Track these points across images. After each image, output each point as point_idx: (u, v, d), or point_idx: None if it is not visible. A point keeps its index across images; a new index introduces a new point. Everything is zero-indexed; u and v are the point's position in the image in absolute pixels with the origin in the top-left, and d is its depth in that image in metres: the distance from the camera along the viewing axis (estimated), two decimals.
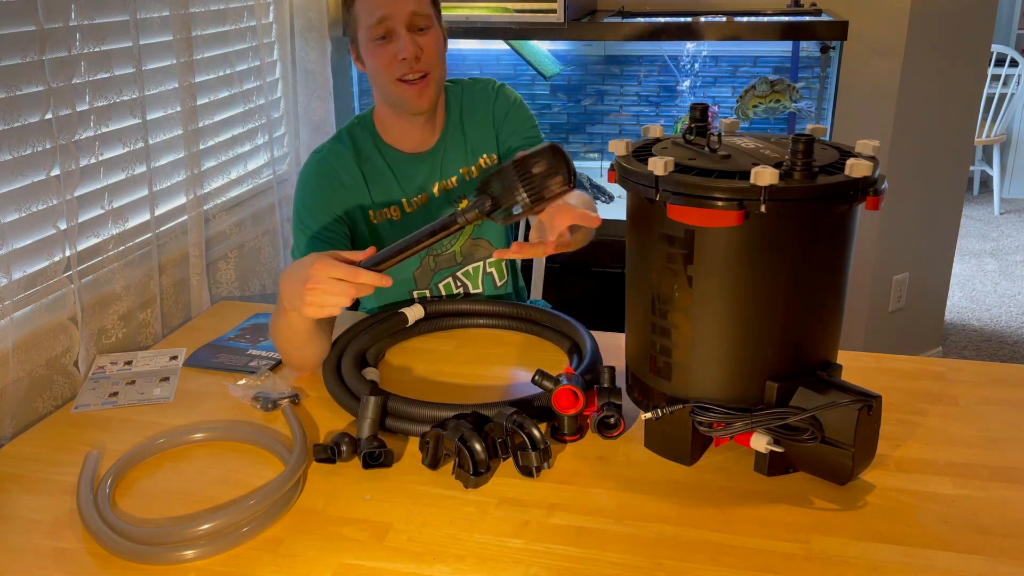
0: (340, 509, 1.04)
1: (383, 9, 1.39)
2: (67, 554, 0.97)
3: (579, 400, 1.12)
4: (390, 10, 1.39)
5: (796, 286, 1.01)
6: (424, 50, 1.41)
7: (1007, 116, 4.55)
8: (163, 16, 1.62)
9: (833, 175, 0.97)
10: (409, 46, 1.39)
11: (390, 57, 1.41)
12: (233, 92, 1.88)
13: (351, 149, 1.51)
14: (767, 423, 1.02)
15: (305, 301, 1.12)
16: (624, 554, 0.95)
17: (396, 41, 1.40)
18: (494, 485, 1.08)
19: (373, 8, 1.40)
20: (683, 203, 0.98)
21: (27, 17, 1.30)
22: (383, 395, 1.17)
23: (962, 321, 3.46)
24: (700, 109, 1.12)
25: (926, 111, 2.61)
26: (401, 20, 1.40)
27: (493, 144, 1.58)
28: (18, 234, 1.32)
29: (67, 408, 1.30)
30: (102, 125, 1.47)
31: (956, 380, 1.30)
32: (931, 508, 1.01)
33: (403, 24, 1.40)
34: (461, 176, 1.56)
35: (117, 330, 1.50)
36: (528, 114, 1.60)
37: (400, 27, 1.40)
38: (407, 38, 1.40)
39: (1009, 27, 4.97)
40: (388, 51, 1.41)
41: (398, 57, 1.40)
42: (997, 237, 4.37)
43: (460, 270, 1.60)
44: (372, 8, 1.40)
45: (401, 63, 1.40)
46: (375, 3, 1.40)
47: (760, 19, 2.35)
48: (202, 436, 1.18)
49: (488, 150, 1.58)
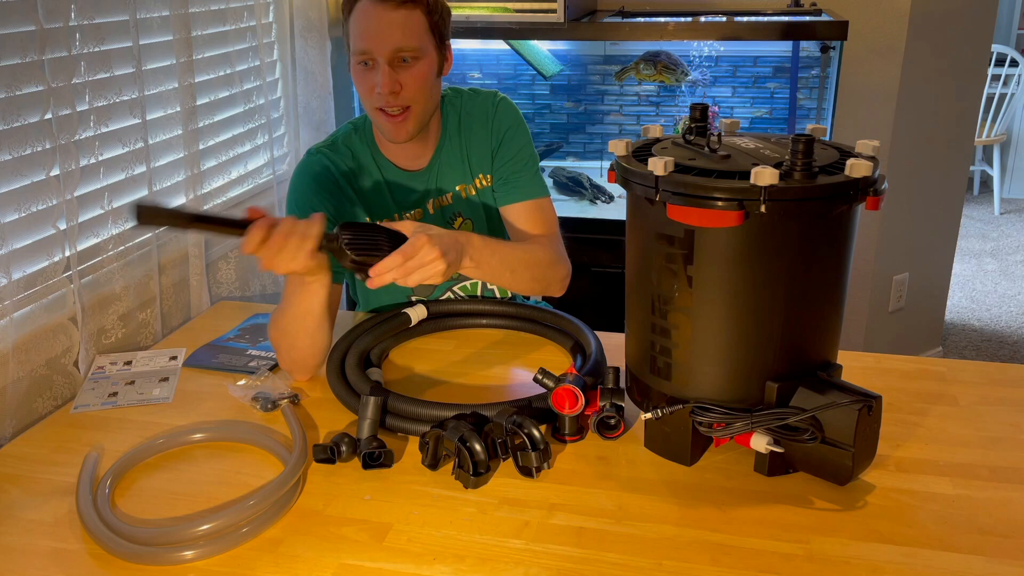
0: (340, 509, 1.04)
1: (366, 42, 1.35)
2: (66, 554, 0.97)
3: (579, 400, 1.12)
4: (373, 44, 1.35)
5: (796, 286, 1.01)
6: (405, 86, 1.37)
7: (1007, 116, 4.55)
8: (163, 16, 1.62)
9: (833, 175, 0.97)
10: (386, 82, 1.35)
11: (370, 85, 1.37)
12: (233, 92, 1.88)
13: (348, 158, 1.49)
14: (767, 423, 1.02)
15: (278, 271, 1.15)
16: (624, 554, 0.95)
17: (376, 72, 1.36)
18: (494, 485, 1.08)
19: (358, 35, 1.36)
20: (683, 203, 0.97)
21: (27, 17, 1.30)
22: (383, 395, 1.17)
23: (962, 321, 3.46)
24: (700, 109, 1.12)
25: (926, 111, 2.61)
26: (383, 55, 1.35)
27: (489, 163, 1.54)
28: (18, 234, 1.32)
29: (67, 408, 1.30)
30: (102, 125, 1.47)
31: (956, 380, 1.30)
32: (931, 508, 1.01)
33: (385, 59, 1.35)
34: (457, 193, 1.54)
35: (117, 330, 1.50)
36: (525, 137, 1.55)
37: (382, 61, 1.35)
38: (386, 74, 1.35)
39: (1009, 27, 4.97)
40: (369, 79, 1.37)
41: (375, 90, 1.37)
42: (997, 237, 4.37)
43: (458, 284, 1.59)
44: (358, 35, 1.36)
45: (379, 96, 1.37)
46: (361, 31, 1.36)
47: (760, 19, 2.35)
48: (202, 436, 1.18)
49: (484, 170, 1.54)
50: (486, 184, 1.54)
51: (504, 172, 1.53)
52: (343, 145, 1.51)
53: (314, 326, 1.27)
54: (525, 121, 1.56)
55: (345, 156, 1.50)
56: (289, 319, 1.28)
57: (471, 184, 1.54)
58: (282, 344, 1.31)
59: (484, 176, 1.54)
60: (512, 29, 2.33)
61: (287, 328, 1.29)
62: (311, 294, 1.24)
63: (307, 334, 1.28)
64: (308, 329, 1.27)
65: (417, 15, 1.37)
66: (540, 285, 1.46)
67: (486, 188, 1.55)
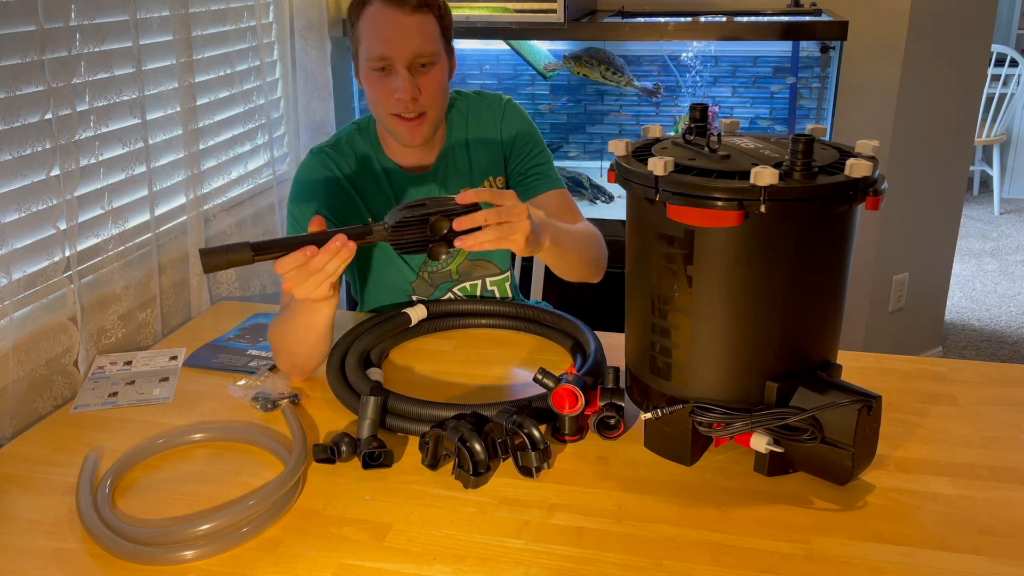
0: (340, 509, 1.04)
1: (385, 48, 1.34)
2: (66, 554, 0.97)
3: (578, 400, 1.12)
4: (392, 51, 1.34)
5: (796, 286, 1.01)
6: (423, 90, 1.37)
7: (1007, 116, 4.55)
8: (163, 16, 1.62)
9: (833, 175, 0.97)
10: (408, 88, 1.34)
11: (388, 91, 1.36)
12: (233, 92, 1.88)
13: (351, 159, 1.49)
14: (767, 423, 1.02)
15: (299, 295, 1.13)
16: (624, 554, 0.95)
17: (395, 78, 1.35)
18: (494, 485, 1.08)
19: (375, 42, 1.35)
20: (683, 203, 0.97)
21: (27, 17, 1.30)
22: (383, 395, 1.17)
23: (962, 321, 3.46)
24: (700, 109, 1.12)
25: (926, 111, 2.61)
26: (402, 61, 1.34)
27: (500, 166, 1.54)
28: (18, 234, 1.32)
29: (67, 408, 1.30)
30: (102, 125, 1.47)
31: (956, 380, 1.30)
32: (931, 508, 1.01)
33: (404, 64, 1.34)
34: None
35: (117, 330, 1.50)
36: (537, 137, 1.56)
37: (401, 67, 1.34)
38: (407, 79, 1.34)
39: (1009, 27, 4.97)
40: (386, 85, 1.36)
41: (394, 96, 1.36)
42: (997, 237, 4.37)
43: (457, 286, 1.59)
44: (374, 41, 1.35)
45: (397, 101, 1.36)
46: (378, 37, 1.34)
47: (760, 19, 2.35)
48: (202, 436, 1.18)
49: (495, 172, 1.54)
50: (497, 186, 1.54)
51: (523, 168, 1.54)
52: (346, 145, 1.50)
53: (315, 339, 1.26)
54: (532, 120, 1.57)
55: (348, 156, 1.49)
56: (291, 329, 1.26)
57: (477, 186, 1.54)
58: (281, 349, 1.31)
59: (494, 178, 1.54)
60: (512, 29, 2.33)
61: (288, 336, 1.28)
62: (316, 312, 1.21)
63: (309, 344, 1.27)
64: (310, 342, 1.26)
65: (431, 20, 1.37)
66: (595, 266, 1.46)
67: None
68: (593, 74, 2.49)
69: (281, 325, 1.29)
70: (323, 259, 1.09)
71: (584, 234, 1.45)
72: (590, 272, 1.47)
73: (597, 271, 1.49)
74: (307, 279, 1.10)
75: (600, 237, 1.50)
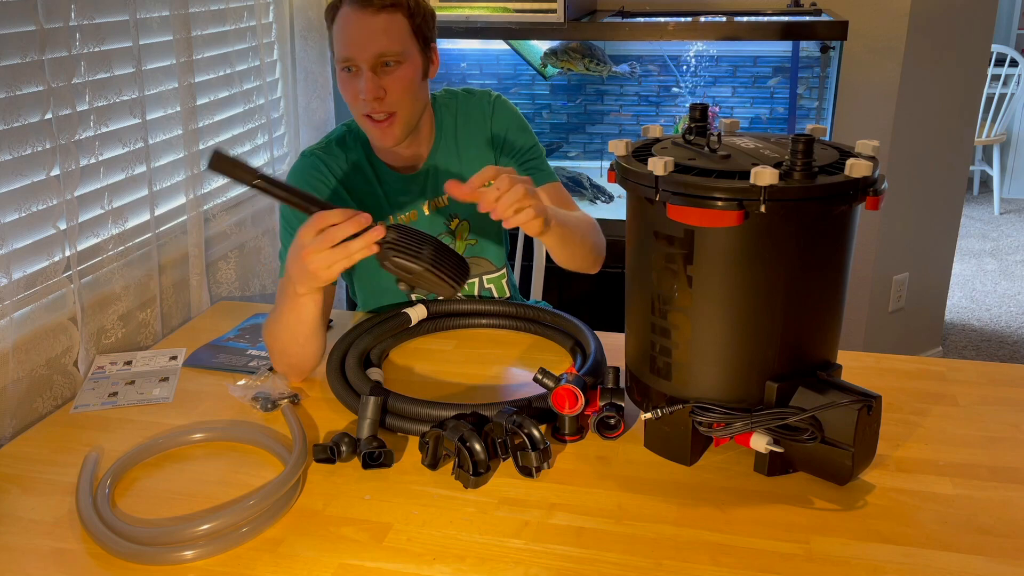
0: (340, 509, 1.04)
1: (348, 49, 1.35)
2: (67, 554, 0.97)
3: (579, 400, 1.12)
4: (355, 52, 1.34)
5: (796, 286, 1.01)
6: (389, 90, 1.36)
7: (1007, 116, 4.55)
8: (163, 16, 1.62)
9: (833, 175, 0.97)
10: (370, 88, 1.34)
11: (355, 92, 1.37)
12: (233, 92, 1.88)
13: (341, 160, 1.49)
14: (767, 423, 1.02)
15: (308, 269, 1.13)
16: (624, 554, 0.95)
17: (360, 78, 1.36)
18: (494, 485, 1.08)
19: (340, 44, 1.36)
20: (683, 203, 0.98)
21: (27, 17, 1.30)
22: (383, 395, 1.17)
23: (962, 321, 3.46)
24: (700, 109, 1.12)
25: (926, 111, 2.61)
26: (366, 61, 1.34)
27: (491, 163, 1.54)
28: (18, 234, 1.32)
29: (67, 408, 1.30)
30: (102, 125, 1.47)
31: (956, 380, 1.30)
32: (931, 508, 1.01)
33: (368, 65, 1.34)
34: None
35: (117, 330, 1.50)
36: (528, 131, 1.56)
37: (365, 67, 1.35)
38: (369, 80, 1.34)
39: (1009, 27, 4.97)
40: (353, 85, 1.37)
41: (359, 97, 1.36)
42: (997, 237, 4.37)
43: None
44: (340, 42, 1.36)
45: (364, 102, 1.36)
46: (343, 38, 1.35)
47: (760, 19, 2.35)
48: (202, 436, 1.18)
49: None
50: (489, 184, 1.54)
51: (515, 164, 1.54)
52: (336, 147, 1.51)
53: (305, 336, 1.27)
54: (523, 115, 1.57)
55: (339, 158, 1.50)
56: (281, 327, 1.28)
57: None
58: (274, 348, 1.32)
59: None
60: (512, 29, 2.33)
61: (279, 335, 1.29)
62: (301, 307, 1.23)
63: (298, 343, 1.28)
64: (299, 338, 1.27)
65: (399, 19, 1.36)
66: (596, 254, 1.49)
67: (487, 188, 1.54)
68: (577, 67, 2.49)
69: (271, 324, 1.31)
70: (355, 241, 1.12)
71: (585, 220, 1.48)
72: (591, 259, 1.49)
73: (597, 259, 1.51)
74: (329, 253, 1.12)
75: (598, 226, 1.52)
